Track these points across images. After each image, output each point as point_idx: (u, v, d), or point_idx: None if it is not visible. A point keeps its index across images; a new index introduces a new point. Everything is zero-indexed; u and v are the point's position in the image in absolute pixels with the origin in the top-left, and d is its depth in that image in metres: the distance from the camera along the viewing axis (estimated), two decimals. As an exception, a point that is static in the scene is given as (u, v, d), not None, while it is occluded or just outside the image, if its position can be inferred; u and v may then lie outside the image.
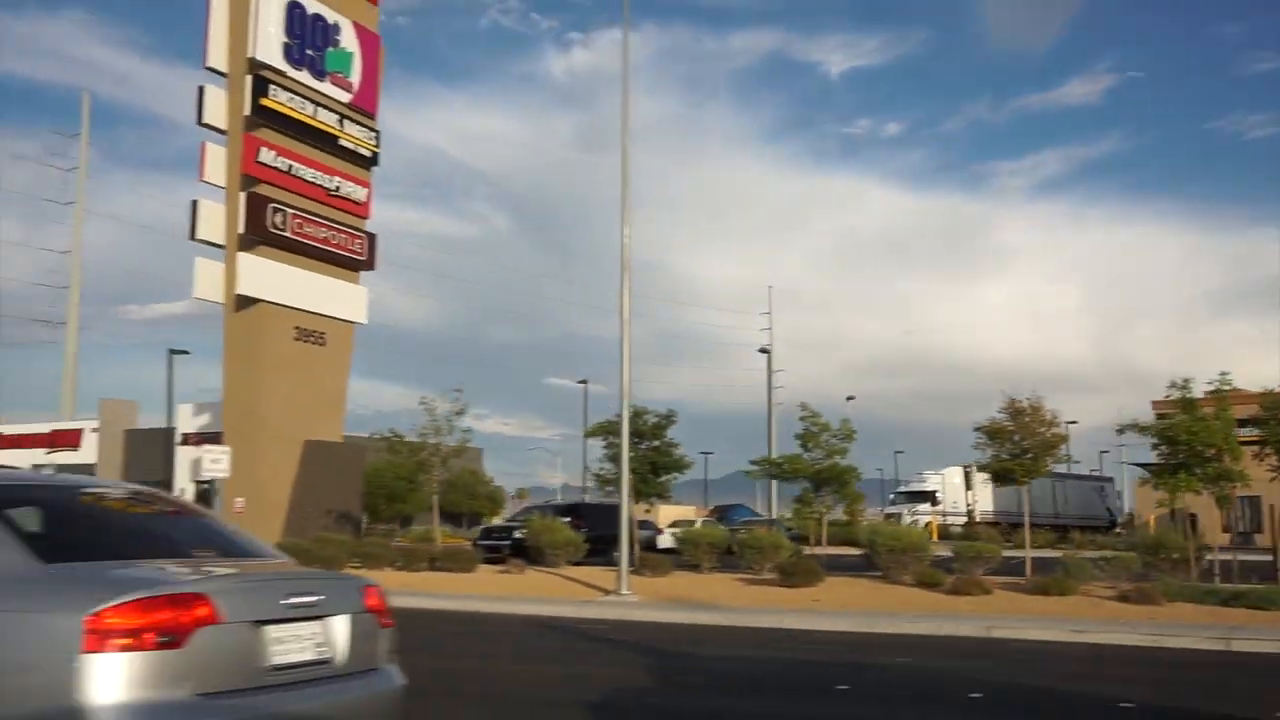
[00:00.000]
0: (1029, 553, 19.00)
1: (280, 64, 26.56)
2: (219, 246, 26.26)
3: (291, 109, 26.68)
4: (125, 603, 3.22)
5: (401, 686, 4.16)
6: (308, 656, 3.73)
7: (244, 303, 26.00)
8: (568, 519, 23.53)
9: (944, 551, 20.50)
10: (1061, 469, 43.64)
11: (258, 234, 25.92)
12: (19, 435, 35.59)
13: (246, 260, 25.79)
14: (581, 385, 58.44)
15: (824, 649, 11.83)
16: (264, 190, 26.15)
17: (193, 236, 26.06)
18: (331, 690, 3.82)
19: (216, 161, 26.24)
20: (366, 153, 28.96)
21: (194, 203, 26.15)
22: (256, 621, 3.53)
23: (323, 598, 3.89)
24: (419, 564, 21.19)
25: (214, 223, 26.09)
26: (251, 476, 24.54)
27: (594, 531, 22.15)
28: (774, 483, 36.46)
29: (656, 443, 21.25)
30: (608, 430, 21.05)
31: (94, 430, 35.06)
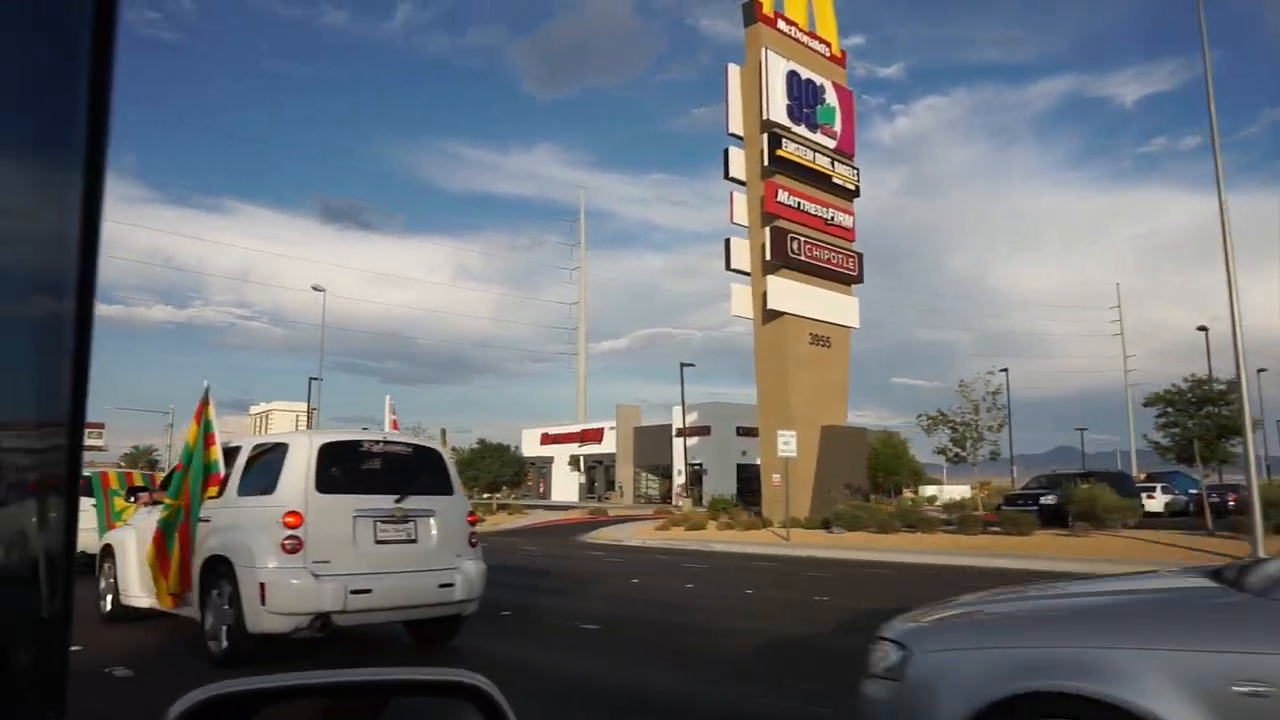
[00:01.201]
0: None
1: (785, 121, 32.90)
2: (745, 274, 32.89)
3: (798, 157, 32.93)
4: None
5: None
6: None
7: (770, 316, 32.36)
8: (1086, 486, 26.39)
9: None
10: None
11: (780, 259, 32.23)
12: (557, 434, 45.17)
13: (774, 282, 32.13)
14: (1003, 372, 60.44)
15: None
16: (782, 224, 32.49)
17: (728, 267, 32.83)
18: None
19: (740, 206, 32.95)
20: (851, 187, 34.74)
21: (727, 241, 32.95)
22: None
23: None
24: (973, 529, 23.90)
25: (742, 254, 32.79)
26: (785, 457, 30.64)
27: None
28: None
29: (1223, 407, 21.88)
30: (1166, 400, 22.75)
31: (611, 429, 43.62)
